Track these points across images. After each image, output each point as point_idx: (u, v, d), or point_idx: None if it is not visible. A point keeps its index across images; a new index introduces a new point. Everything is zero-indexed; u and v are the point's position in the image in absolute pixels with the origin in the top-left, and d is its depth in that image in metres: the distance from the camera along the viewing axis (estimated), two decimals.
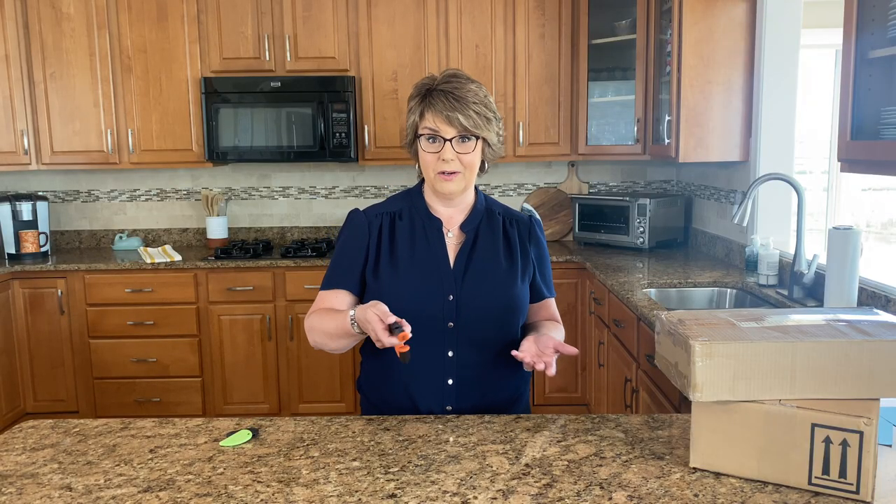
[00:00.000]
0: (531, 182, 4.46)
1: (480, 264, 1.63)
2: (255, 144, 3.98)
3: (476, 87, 1.58)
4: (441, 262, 1.62)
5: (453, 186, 1.59)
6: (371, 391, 1.71)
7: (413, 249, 1.63)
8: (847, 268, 2.18)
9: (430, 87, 1.58)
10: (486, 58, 3.99)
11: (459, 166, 1.57)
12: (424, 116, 1.57)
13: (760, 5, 3.12)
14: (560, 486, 1.18)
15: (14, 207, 4.03)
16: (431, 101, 1.56)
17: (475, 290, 1.60)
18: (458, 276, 1.61)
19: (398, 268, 1.61)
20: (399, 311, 1.56)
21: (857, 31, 1.89)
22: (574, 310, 3.86)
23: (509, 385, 1.68)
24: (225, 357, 3.88)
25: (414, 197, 1.69)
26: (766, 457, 1.16)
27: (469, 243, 1.65)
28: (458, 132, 1.55)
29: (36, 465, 1.30)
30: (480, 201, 1.70)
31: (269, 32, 3.95)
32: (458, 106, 1.54)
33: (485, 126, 1.57)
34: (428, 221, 1.66)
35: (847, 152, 1.94)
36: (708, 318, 1.26)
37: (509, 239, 1.69)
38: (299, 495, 1.17)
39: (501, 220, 1.71)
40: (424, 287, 1.60)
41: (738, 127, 3.25)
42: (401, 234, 1.65)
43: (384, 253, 1.64)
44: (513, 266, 1.66)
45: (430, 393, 1.60)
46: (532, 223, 1.74)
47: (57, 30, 3.95)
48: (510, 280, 1.64)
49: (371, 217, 1.67)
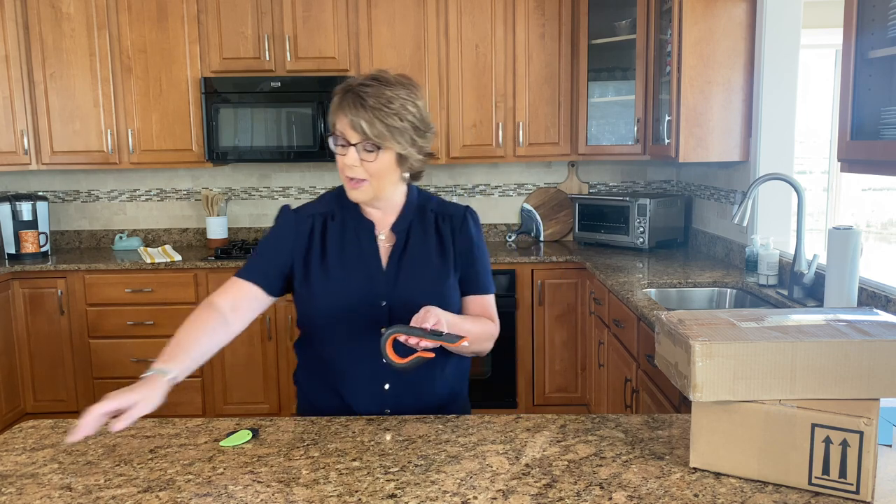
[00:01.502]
0: (531, 182, 4.46)
1: (412, 267, 1.58)
2: (255, 144, 3.98)
3: (393, 94, 1.47)
4: (373, 267, 1.57)
5: (359, 195, 1.52)
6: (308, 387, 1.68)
7: (344, 253, 1.58)
8: (847, 268, 2.18)
9: (348, 87, 1.49)
10: (486, 58, 3.99)
11: (364, 174, 1.49)
12: (337, 117, 1.49)
13: (760, 5, 3.12)
14: (560, 486, 1.18)
15: (14, 207, 4.03)
16: (343, 102, 1.48)
17: (407, 294, 1.55)
18: (390, 280, 1.57)
19: (329, 273, 1.56)
20: (332, 317, 1.55)
21: (857, 31, 1.89)
22: (574, 310, 3.86)
23: (446, 383, 1.65)
24: (225, 357, 3.88)
25: (344, 197, 1.60)
26: (766, 457, 1.16)
27: (400, 245, 1.60)
28: (360, 139, 1.46)
29: (36, 465, 1.30)
30: (412, 200, 1.63)
31: (269, 32, 3.95)
32: (362, 112, 1.44)
33: (391, 136, 1.46)
34: (359, 224, 1.60)
35: (847, 152, 1.94)
36: (708, 318, 1.26)
37: (441, 237, 1.62)
38: (299, 495, 1.17)
39: (434, 218, 1.63)
40: (355, 292, 1.55)
41: (738, 127, 3.25)
42: (332, 238, 1.59)
43: (315, 257, 1.58)
44: (444, 267, 1.60)
45: (367, 398, 1.58)
46: (466, 216, 1.65)
47: (57, 30, 3.95)
48: (442, 280, 1.59)
49: (301, 218, 1.61)
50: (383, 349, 1.39)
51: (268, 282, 1.59)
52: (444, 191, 4.45)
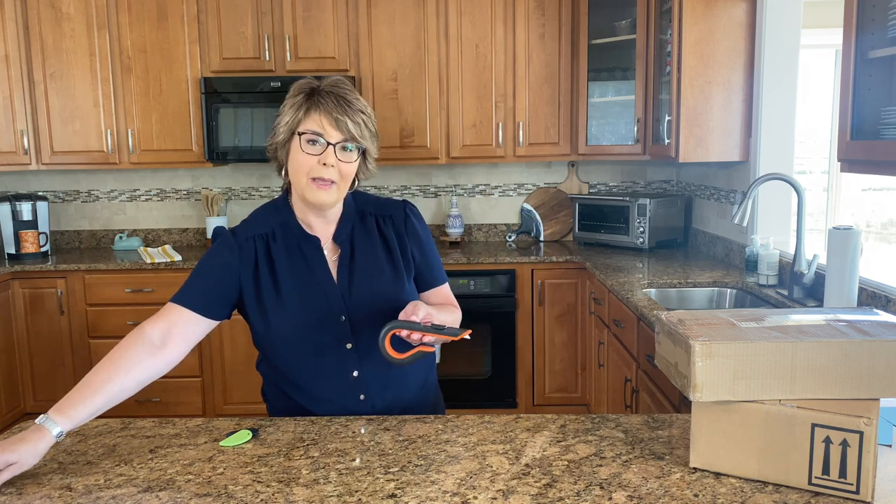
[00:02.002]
0: (531, 182, 4.46)
1: (364, 276, 1.55)
2: (255, 144, 3.98)
3: (361, 98, 1.49)
4: (325, 284, 1.53)
5: (326, 197, 1.47)
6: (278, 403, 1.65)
7: (294, 274, 1.53)
8: (847, 268, 2.18)
9: (315, 87, 1.48)
10: (486, 58, 3.99)
11: (336, 175, 1.46)
12: (310, 115, 1.45)
13: (760, 5, 3.12)
14: (560, 486, 1.18)
15: (14, 207, 4.03)
16: (319, 101, 1.45)
17: (365, 305, 1.53)
18: (344, 293, 1.53)
19: (283, 298, 1.52)
20: (294, 342, 1.52)
21: (857, 31, 1.89)
22: (574, 310, 3.86)
23: (417, 379, 1.65)
24: (225, 357, 3.88)
25: (283, 212, 1.56)
26: (766, 457, 1.16)
27: (347, 255, 1.56)
28: (343, 137, 1.45)
29: (36, 465, 1.30)
30: (349, 206, 1.59)
31: (269, 32, 3.95)
32: (347, 110, 1.44)
33: (370, 138, 1.49)
34: (303, 240, 1.55)
35: (847, 152, 1.94)
36: (708, 318, 1.26)
37: (387, 240, 1.59)
38: (299, 495, 1.17)
39: (375, 221, 1.60)
40: (314, 313, 1.52)
41: (738, 127, 3.25)
42: (279, 260, 1.53)
43: (264, 283, 1.52)
44: (396, 270, 1.58)
45: (344, 412, 1.55)
46: (406, 212, 1.63)
47: (57, 30, 3.95)
48: (397, 284, 1.57)
49: (242, 241, 1.54)
50: (382, 346, 1.39)
51: (208, 308, 1.51)
52: (444, 191, 4.45)
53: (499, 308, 3.82)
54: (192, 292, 1.52)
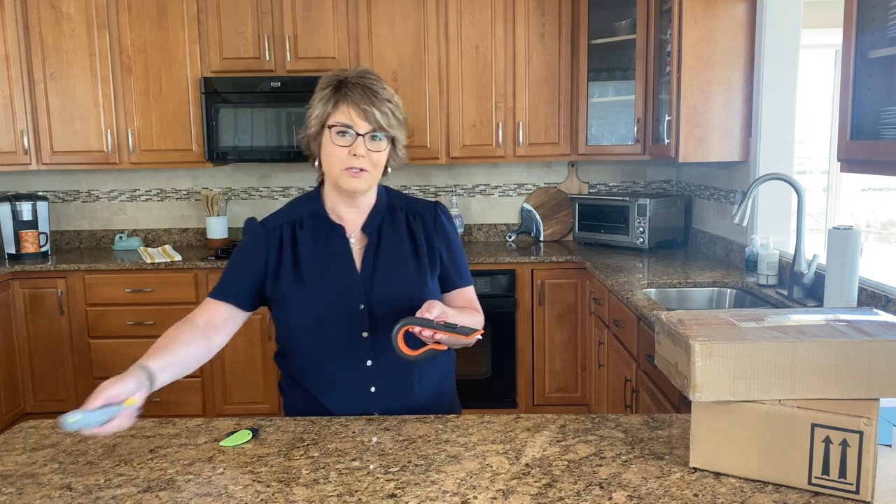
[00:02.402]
0: (531, 182, 4.46)
1: (387, 267, 1.58)
2: (255, 144, 3.98)
3: (388, 87, 1.54)
4: (348, 271, 1.56)
5: (360, 184, 1.52)
6: (292, 395, 1.66)
7: (318, 260, 1.57)
8: (847, 268, 2.18)
9: (342, 79, 1.52)
10: (486, 58, 3.99)
11: (368, 164, 1.51)
12: (338, 108, 1.49)
13: (760, 5, 3.12)
14: (560, 486, 1.18)
15: (14, 207, 4.03)
16: (347, 93, 1.49)
17: (385, 294, 1.55)
18: (365, 281, 1.56)
19: (303, 281, 1.55)
20: (312, 327, 1.54)
21: (857, 31, 1.89)
22: (574, 310, 3.86)
23: (432, 381, 1.65)
24: (225, 357, 3.88)
25: (314, 201, 1.62)
26: (766, 457, 1.16)
27: (373, 246, 1.59)
28: (372, 128, 1.49)
29: (36, 465, 1.30)
30: (382, 199, 1.64)
31: (269, 32, 3.95)
32: (374, 101, 1.48)
33: (397, 126, 1.53)
34: (329, 228, 1.59)
35: (847, 152, 1.94)
36: (708, 318, 1.26)
37: (414, 235, 1.62)
38: (299, 495, 1.17)
39: (405, 217, 1.64)
40: (333, 299, 1.54)
41: (737, 127, 3.25)
42: (303, 245, 1.58)
43: (286, 267, 1.56)
44: (420, 266, 1.60)
45: (353, 403, 1.57)
46: (437, 211, 1.66)
47: (57, 30, 3.95)
48: (420, 280, 1.59)
49: (270, 229, 1.59)
50: (394, 341, 1.40)
51: (240, 299, 1.57)
52: (444, 191, 4.45)
53: (499, 308, 3.82)
54: (224, 285, 1.59)
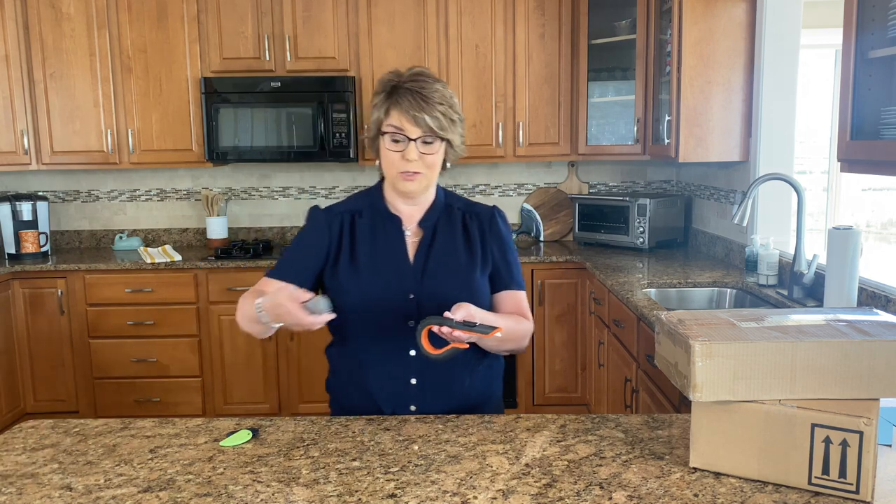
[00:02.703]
0: (531, 182, 4.46)
1: (439, 260, 1.62)
2: (255, 144, 3.98)
3: (441, 87, 1.56)
4: (400, 260, 1.61)
5: (414, 186, 1.58)
6: (338, 393, 1.70)
7: (373, 247, 1.62)
8: (847, 268, 2.18)
9: (395, 83, 1.56)
10: (486, 58, 3.99)
11: (422, 167, 1.55)
12: (390, 114, 1.55)
13: (760, 5, 3.12)
14: (560, 486, 1.18)
15: (14, 207, 4.03)
16: (398, 100, 1.54)
17: (435, 287, 1.59)
18: (417, 273, 1.60)
19: (358, 267, 1.60)
20: (361, 311, 1.57)
21: (857, 31, 1.89)
22: (574, 310, 3.86)
23: (476, 385, 1.65)
24: (225, 357, 3.88)
25: (374, 195, 1.68)
26: (766, 457, 1.16)
27: (427, 239, 1.64)
28: (423, 132, 1.53)
29: (36, 465, 1.30)
30: (439, 198, 1.69)
31: (269, 32, 3.95)
32: (424, 106, 1.51)
33: (450, 127, 1.55)
34: (388, 219, 1.65)
35: (847, 152, 1.94)
36: (708, 318, 1.26)
37: (469, 233, 1.66)
38: (299, 495, 1.17)
39: (461, 216, 1.68)
40: (384, 285, 1.58)
41: (737, 127, 3.25)
42: (361, 233, 1.64)
43: (344, 252, 1.62)
44: (472, 262, 1.63)
45: (393, 394, 1.59)
46: (494, 215, 1.70)
47: (57, 30, 3.95)
48: (470, 275, 1.62)
49: (331, 217, 1.65)
50: (418, 339, 1.42)
51: (299, 280, 1.60)
52: None
53: None
54: (285, 266, 1.64)
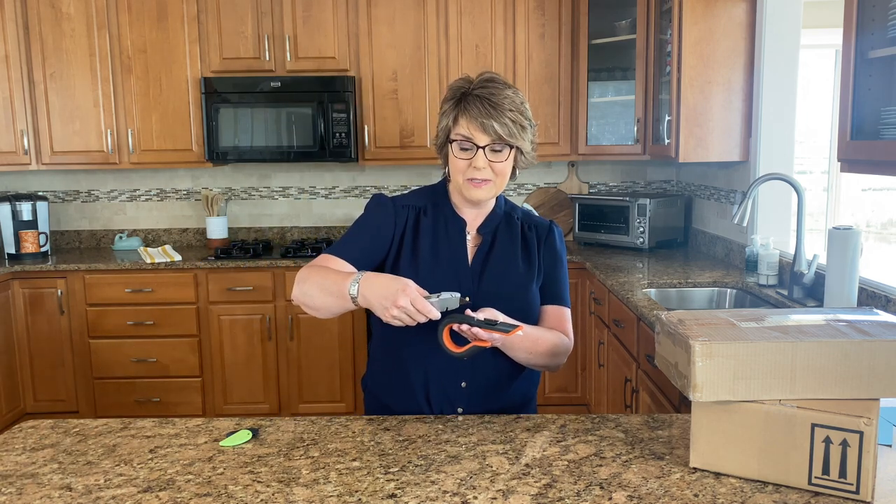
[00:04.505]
0: (531, 182, 4.46)
1: (497, 266, 1.62)
2: (255, 144, 3.98)
3: (512, 94, 1.53)
4: (460, 263, 1.62)
5: (482, 194, 1.57)
6: (380, 391, 1.69)
7: (435, 248, 1.62)
8: (847, 268, 2.18)
9: (465, 90, 1.54)
10: (486, 58, 3.99)
11: (491, 174, 1.54)
12: (458, 122, 1.53)
13: (760, 5, 3.12)
14: (560, 486, 1.18)
15: (14, 207, 4.03)
16: (466, 107, 1.51)
17: (492, 291, 1.59)
18: (475, 276, 1.61)
19: (419, 265, 1.60)
20: None
21: (857, 31, 1.89)
22: (574, 310, 3.85)
23: (520, 388, 1.67)
24: (225, 357, 3.88)
25: (439, 195, 1.67)
26: (766, 457, 1.16)
27: (486, 246, 1.64)
28: (491, 140, 1.51)
29: (36, 465, 1.30)
30: (500, 205, 1.69)
31: (269, 32, 3.95)
32: (493, 113, 1.49)
33: (519, 134, 1.52)
34: (452, 221, 1.64)
35: (847, 152, 1.94)
36: (708, 318, 1.26)
37: (527, 242, 1.67)
38: (299, 495, 1.17)
39: (520, 225, 1.69)
40: (443, 284, 1.57)
41: (738, 127, 3.25)
42: (424, 231, 1.63)
43: (406, 247, 1.62)
44: (529, 269, 1.64)
45: (443, 395, 1.60)
46: (551, 229, 1.71)
47: (57, 30, 3.95)
48: (527, 283, 1.63)
49: (398, 208, 1.65)
50: (440, 337, 1.43)
51: (361, 261, 1.59)
52: None
53: None
54: (348, 245, 1.62)
